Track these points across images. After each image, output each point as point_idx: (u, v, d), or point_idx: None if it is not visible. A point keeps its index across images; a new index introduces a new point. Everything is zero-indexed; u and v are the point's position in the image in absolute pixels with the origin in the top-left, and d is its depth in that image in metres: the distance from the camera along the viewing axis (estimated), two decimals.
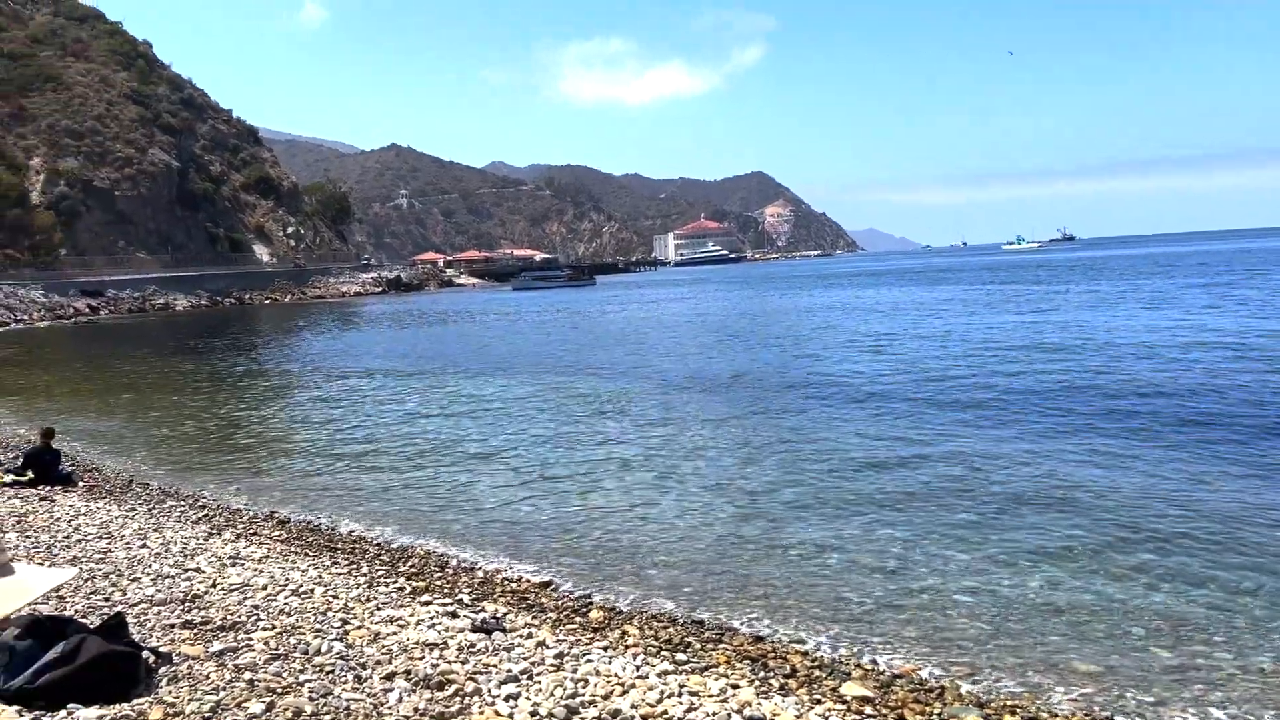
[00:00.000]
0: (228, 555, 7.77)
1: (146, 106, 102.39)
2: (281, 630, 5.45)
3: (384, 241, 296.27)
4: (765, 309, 50.38)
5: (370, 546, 8.97)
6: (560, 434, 15.80)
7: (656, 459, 13.37)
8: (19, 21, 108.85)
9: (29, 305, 63.86)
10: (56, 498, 10.79)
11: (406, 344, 37.87)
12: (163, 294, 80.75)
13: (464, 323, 51.43)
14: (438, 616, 6.20)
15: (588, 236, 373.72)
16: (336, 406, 20.58)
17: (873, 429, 14.82)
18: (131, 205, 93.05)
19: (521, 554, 8.81)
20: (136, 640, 4.60)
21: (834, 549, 8.85)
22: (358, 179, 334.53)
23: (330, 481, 12.78)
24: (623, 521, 10.26)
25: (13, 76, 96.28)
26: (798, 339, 31.32)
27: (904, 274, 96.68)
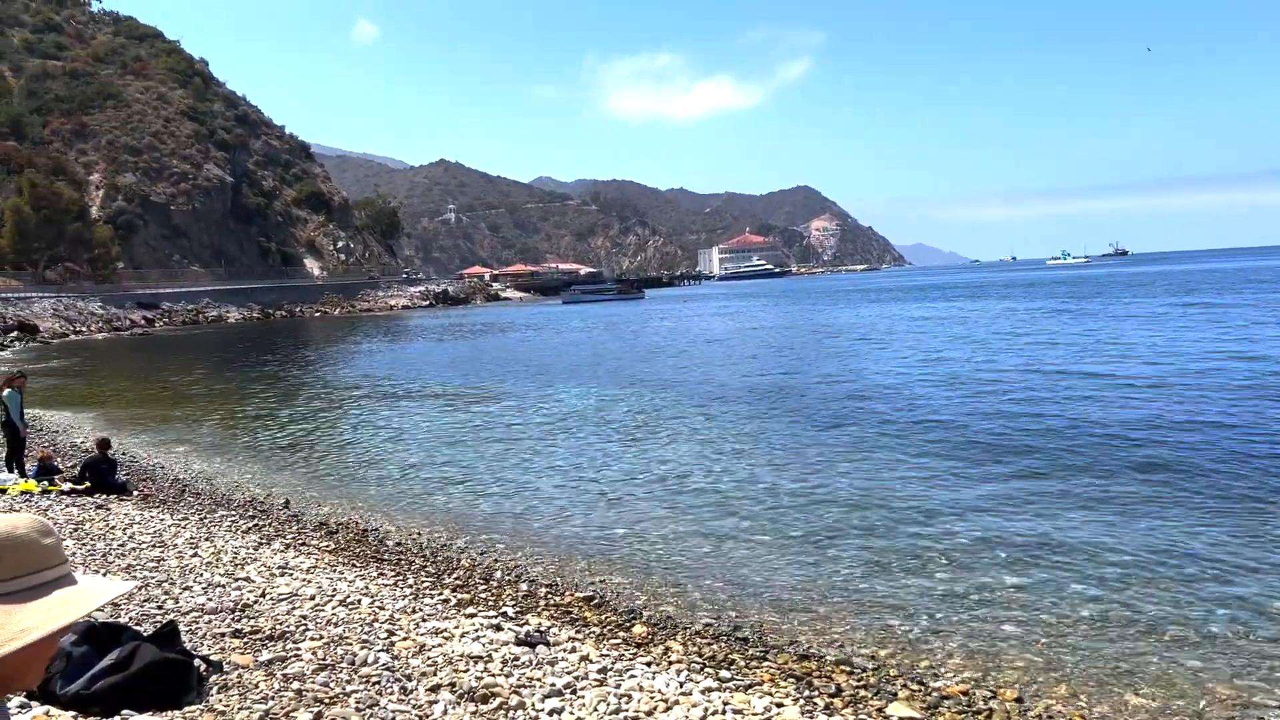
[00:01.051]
0: (277, 565, 7.88)
1: (202, 123, 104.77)
2: (329, 640, 5.51)
3: (432, 256, 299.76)
4: (811, 324, 50.09)
5: (416, 558, 9.03)
6: (608, 447, 15.82)
7: (703, 475, 13.34)
8: (82, 41, 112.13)
9: (88, 317, 65.45)
10: (112, 506, 11.01)
11: (458, 356, 38.20)
12: (216, 306, 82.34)
13: (517, 335, 51.74)
14: (482, 629, 6.22)
15: (632, 250, 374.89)
16: (385, 418, 20.80)
17: (920, 449, 14.64)
18: (186, 219, 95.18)
19: (565, 568, 8.83)
20: (188, 648, 4.68)
21: (881, 570, 8.76)
22: (407, 194, 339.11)
23: (377, 493, 12.91)
24: (667, 537, 10.24)
25: (75, 94, 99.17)
26: (842, 354, 31.08)
27: (945, 289, 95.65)
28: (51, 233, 76.82)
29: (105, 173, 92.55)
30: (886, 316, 52.20)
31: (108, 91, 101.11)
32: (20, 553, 1.44)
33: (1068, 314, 44.44)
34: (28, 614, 1.40)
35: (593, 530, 10.56)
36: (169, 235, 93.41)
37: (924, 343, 33.53)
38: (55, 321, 60.13)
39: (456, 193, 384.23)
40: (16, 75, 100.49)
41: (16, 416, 13.19)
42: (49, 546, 1.48)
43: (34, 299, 64.34)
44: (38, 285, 71.84)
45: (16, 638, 1.37)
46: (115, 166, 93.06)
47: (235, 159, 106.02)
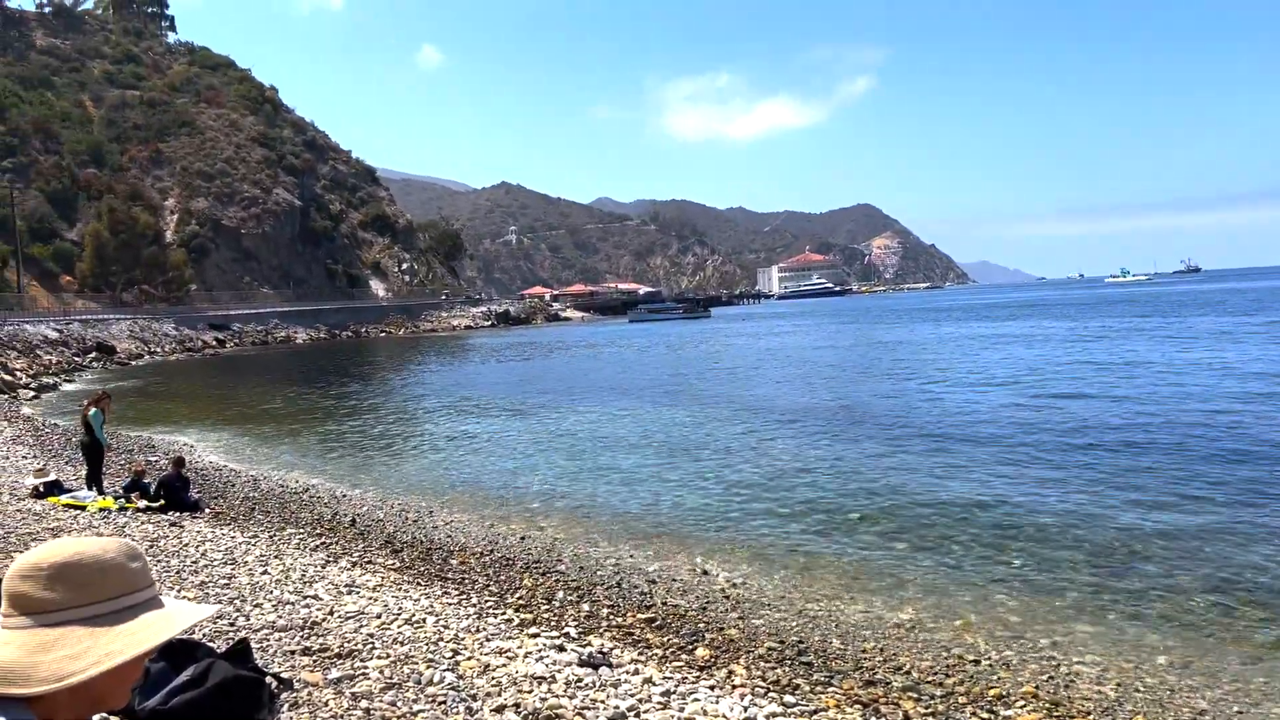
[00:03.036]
0: (344, 583, 7.98)
1: (272, 149, 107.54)
2: (396, 659, 5.57)
3: (493, 277, 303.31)
4: (876, 342, 49.53)
5: (479, 577, 9.09)
6: (672, 468, 15.80)
7: (767, 497, 13.25)
8: (159, 71, 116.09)
9: (162, 338, 67.32)
10: (185, 523, 11.28)
11: (522, 375, 38.50)
12: (284, 327, 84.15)
13: (583, 354, 51.97)
14: (545, 649, 6.23)
15: (691, 270, 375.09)
16: (449, 437, 21.03)
17: (985, 475, 14.37)
18: (256, 243, 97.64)
19: (626, 589, 8.81)
20: (260, 665, 4.76)
21: (950, 597, 8.61)
22: (469, 216, 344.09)
23: (441, 512, 13.04)
24: (728, 560, 10.18)
25: (152, 123, 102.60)
26: (907, 373, 30.66)
27: (1002, 307, 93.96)
28: (128, 257, 79.38)
29: (180, 198, 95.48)
30: (949, 336, 51.45)
31: (182, 119, 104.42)
32: (109, 577, 1.48)
33: (1139, 334, 43.39)
34: (116, 637, 1.44)
35: (654, 552, 10.54)
36: (239, 258, 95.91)
37: (983, 362, 32.96)
38: (131, 343, 61.95)
39: (518, 214, 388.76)
40: (97, 105, 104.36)
41: (100, 435, 13.60)
42: (137, 570, 1.52)
43: (111, 321, 66.40)
44: (115, 307, 74.19)
45: (104, 660, 1.40)
46: (189, 192, 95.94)
47: (304, 183, 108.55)
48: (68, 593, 1.44)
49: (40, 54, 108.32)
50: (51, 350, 50.79)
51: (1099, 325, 52.36)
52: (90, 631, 1.42)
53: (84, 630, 1.42)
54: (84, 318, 65.25)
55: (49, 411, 28.98)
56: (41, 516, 11.26)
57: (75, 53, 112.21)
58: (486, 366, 46.35)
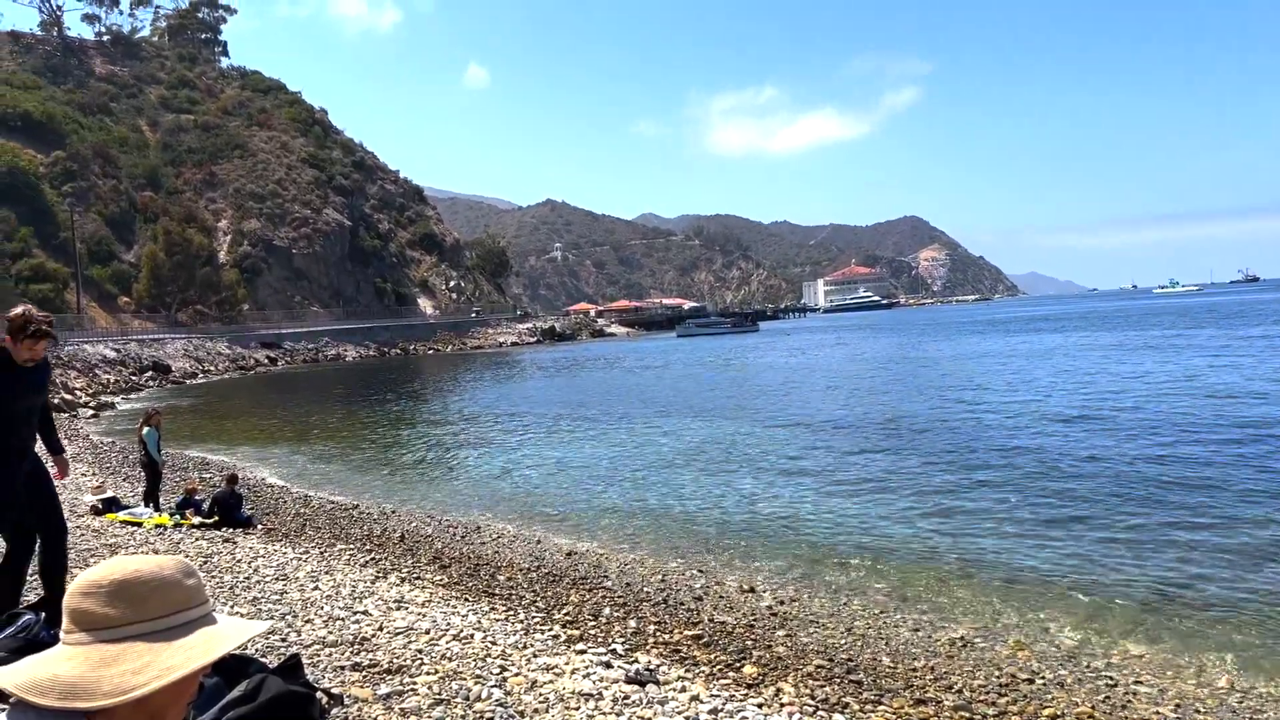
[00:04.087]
0: (393, 599, 8.05)
1: (321, 169, 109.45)
2: (444, 675, 5.60)
3: (539, 293, 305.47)
4: (924, 356, 49.02)
5: (526, 593, 9.12)
6: (722, 483, 15.77)
7: (816, 513, 13.17)
8: (212, 95, 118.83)
9: (215, 357, 68.67)
10: (238, 540, 11.46)
11: (569, 390, 38.66)
12: (334, 345, 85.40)
13: (633, 369, 52.07)
14: (592, 666, 6.23)
15: (736, 284, 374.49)
16: (498, 453, 21.16)
17: (1038, 486, 14.15)
18: (307, 262, 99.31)
19: (674, 605, 8.79)
20: (311, 681, 4.82)
21: (1000, 616, 8.48)
22: (515, 233, 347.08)
23: (488, 528, 13.12)
24: (775, 577, 10.12)
25: (205, 146, 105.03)
26: (955, 388, 30.29)
27: (1050, 319, 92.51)
28: (183, 277, 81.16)
29: (232, 219, 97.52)
30: (997, 349, 50.78)
31: (235, 142, 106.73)
32: (166, 593, 1.51)
33: (1188, 346, 42.49)
34: (172, 652, 1.47)
35: (700, 568, 10.51)
36: (291, 277, 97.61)
37: (1029, 375, 32.45)
38: (186, 361, 63.27)
39: (563, 231, 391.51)
40: (154, 129, 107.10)
41: (154, 452, 13.90)
42: (192, 587, 1.55)
43: (167, 340, 67.90)
44: (170, 327, 75.84)
45: (162, 675, 1.44)
46: (241, 213, 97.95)
47: (353, 203, 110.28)
48: (127, 609, 1.48)
49: (99, 81, 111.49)
50: (110, 369, 52.05)
51: (1141, 337, 51.36)
52: (150, 647, 1.46)
53: (144, 646, 1.46)
54: (141, 337, 66.82)
55: (107, 430, 29.69)
56: (100, 533, 11.51)
57: (133, 79, 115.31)
58: (533, 383, 46.60)
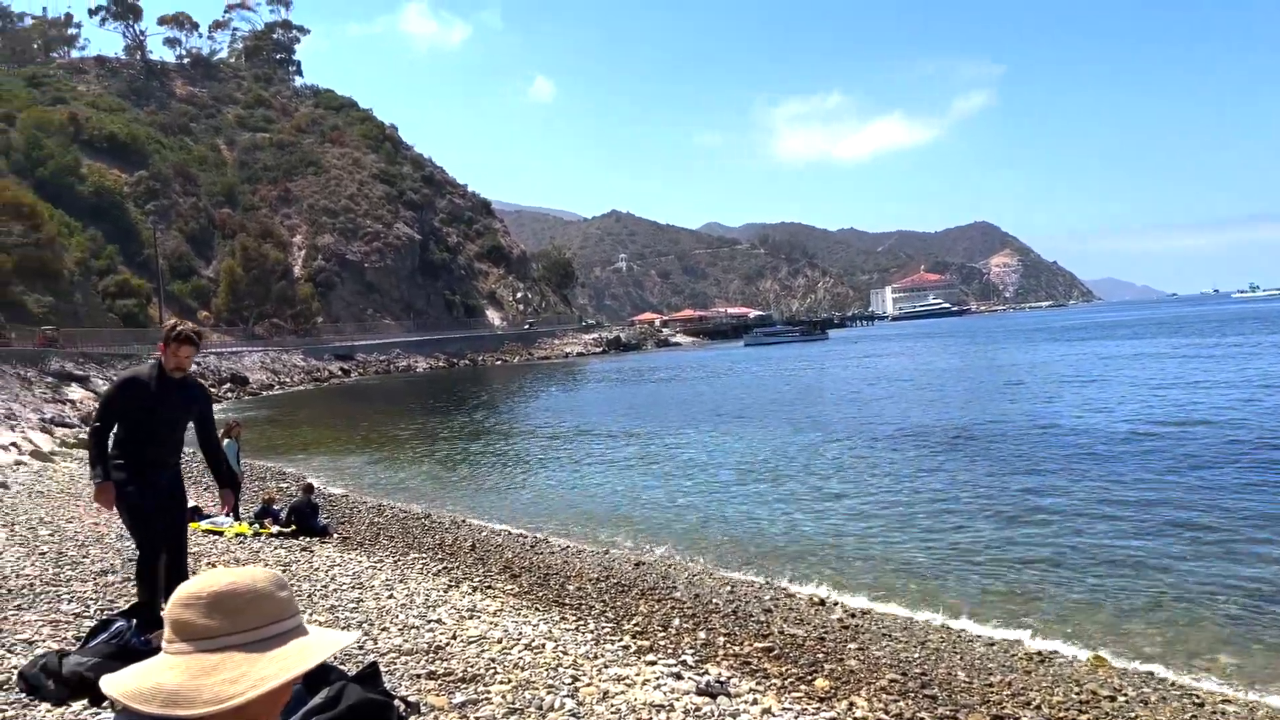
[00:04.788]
0: (466, 608, 8.15)
1: (392, 185, 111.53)
2: (517, 684, 5.65)
3: (604, 303, 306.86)
4: (997, 363, 48.07)
5: (595, 603, 9.16)
6: (793, 493, 15.67)
7: (892, 524, 13.01)
8: (286, 114, 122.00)
9: (291, 369, 70.31)
10: (315, 548, 11.71)
11: (639, 399, 38.72)
12: (405, 356, 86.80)
13: (702, 378, 51.99)
14: (663, 677, 6.23)
15: (802, 292, 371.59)
16: (566, 462, 21.31)
17: (1119, 498, 13.79)
18: (379, 275, 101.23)
19: (743, 616, 8.75)
20: (388, 689, 4.91)
21: (1081, 629, 8.28)
22: (580, 245, 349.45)
23: (557, 537, 13.22)
24: (849, 588, 10.02)
25: (280, 163, 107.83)
26: (1032, 396, 29.64)
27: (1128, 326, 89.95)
28: (260, 291, 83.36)
29: (307, 234, 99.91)
30: (1070, 356, 49.58)
31: (308, 159, 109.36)
32: (260, 605, 1.57)
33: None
34: (267, 663, 1.52)
35: (769, 580, 10.46)
36: (363, 291, 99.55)
37: (1108, 382, 31.62)
38: (263, 374, 64.90)
39: (627, 242, 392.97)
40: (231, 148, 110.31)
41: (234, 464, 14.29)
42: (284, 599, 1.60)
43: (244, 353, 69.75)
44: (247, 340, 77.88)
45: (257, 685, 1.49)
46: (315, 228, 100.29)
47: (422, 217, 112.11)
48: (225, 620, 1.53)
49: (180, 102, 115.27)
50: None
51: (1222, 342, 49.69)
52: (246, 657, 1.51)
53: (241, 656, 1.51)
54: (219, 350, 68.75)
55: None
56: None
57: (211, 100, 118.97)
58: (598, 393, 46.81)
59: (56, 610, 6.76)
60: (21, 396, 28.33)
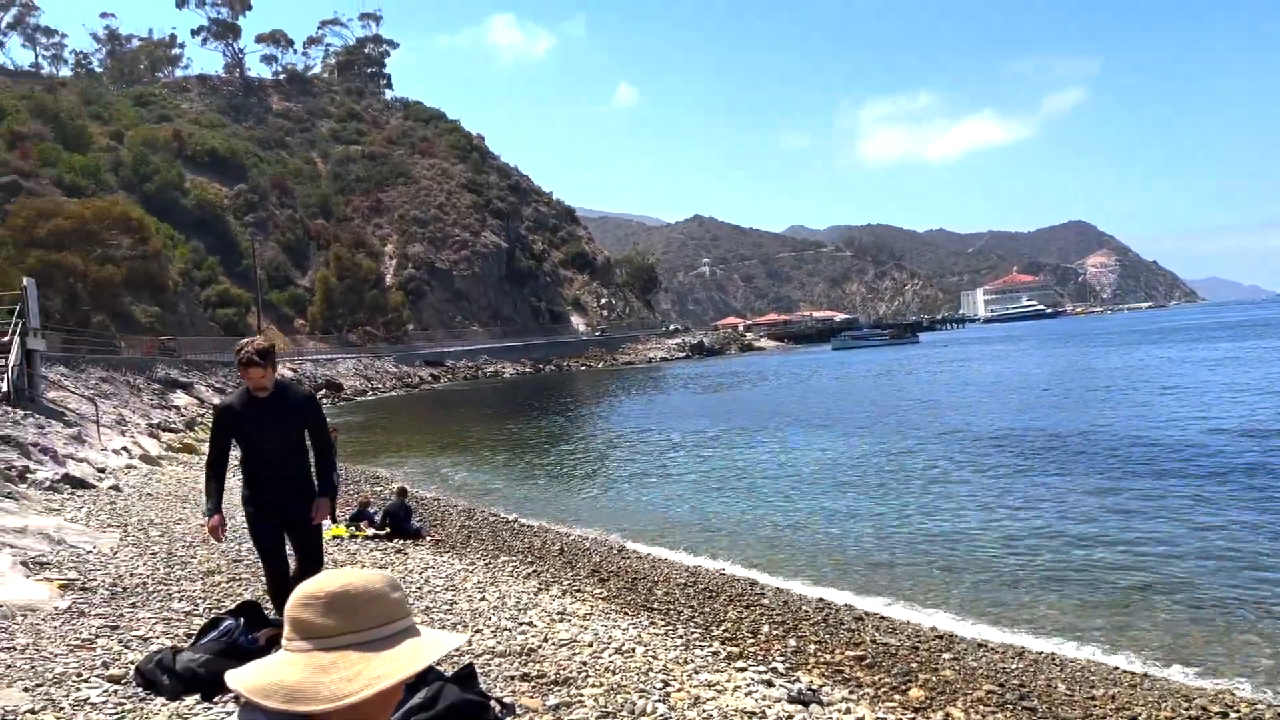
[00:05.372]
0: (556, 611, 8.24)
1: (479, 194, 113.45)
2: (609, 688, 5.69)
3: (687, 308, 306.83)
4: (1098, 368, 46.56)
5: (684, 608, 9.15)
6: (883, 500, 15.45)
7: (982, 533, 12.73)
8: (377, 126, 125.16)
9: (383, 375, 72.02)
10: (409, 550, 11.97)
11: (723, 405, 38.59)
12: (493, 362, 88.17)
13: (789, 383, 51.61)
14: (753, 684, 6.20)
15: (889, 295, 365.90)
16: (653, 466, 21.35)
17: (1226, 505, 13.23)
18: (467, 283, 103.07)
19: (834, 624, 8.65)
20: (484, 690, 5.00)
21: (1190, 641, 7.97)
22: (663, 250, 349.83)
23: (645, 542, 13.26)
24: (942, 597, 9.83)
25: (372, 174, 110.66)
26: (1133, 402, 28.63)
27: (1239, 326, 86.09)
28: (353, 300, 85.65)
29: (397, 244, 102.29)
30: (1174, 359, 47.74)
31: (399, 170, 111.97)
32: (375, 605, 1.61)
33: None
34: (381, 662, 1.56)
35: (860, 587, 10.32)
36: (452, 298, 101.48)
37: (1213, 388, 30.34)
38: (356, 380, 66.62)
39: (710, 246, 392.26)
40: (325, 161, 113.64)
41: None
42: (397, 600, 1.65)
43: (339, 360, 71.70)
44: (342, 347, 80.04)
45: (371, 684, 1.53)
46: (406, 238, 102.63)
47: (509, 225, 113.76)
48: (341, 620, 1.58)
49: (276, 117, 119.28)
50: None
51: None
52: (361, 656, 1.56)
53: (356, 655, 1.56)
54: (315, 357, 70.85)
55: None
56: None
57: (306, 114, 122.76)
58: (682, 397, 46.78)
59: (168, 608, 7.06)
60: (131, 402, 29.59)
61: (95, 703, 4.61)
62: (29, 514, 10.64)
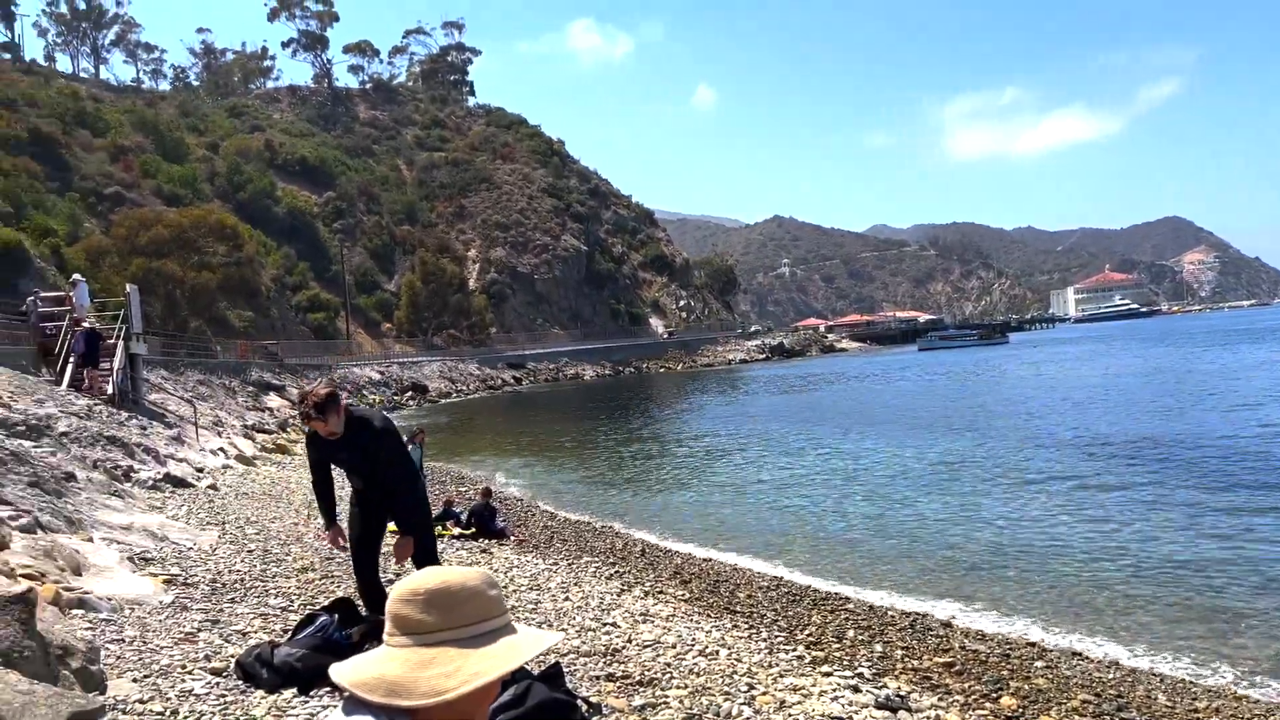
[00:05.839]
0: (639, 612, 8.26)
1: (559, 198, 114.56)
2: (694, 690, 5.69)
3: (766, 309, 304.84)
4: (1198, 369, 44.84)
5: (767, 611, 9.10)
6: (974, 504, 15.15)
7: (1074, 537, 12.38)
8: (461, 133, 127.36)
9: (467, 377, 73.19)
10: (493, 550, 12.14)
11: (803, 408, 38.24)
12: (573, 365, 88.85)
13: (875, 385, 50.87)
14: (840, 689, 6.13)
15: (975, 295, 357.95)
16: (734, 468, 21.27)
17: None
18: (547, 286, 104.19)
19: (921, 630, 8.50)
20: (570, 689, 5.04)
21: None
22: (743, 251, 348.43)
23: (726, 544, 13.21)
24: (1032, 602, 9.59)
25: (455, 180, 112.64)
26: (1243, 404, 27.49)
27: None
28: (438, 304, 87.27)
29: (480, 248, 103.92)
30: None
31: (481, 176, 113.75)
32: (473, 602, 1.64)
33: None
34: (479, 658, 1.59)
35: (945, 592, 10.12)
36: (533, 301, 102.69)
37: None
38: (441, 382, 67.83)
39: (790, 247, 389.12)
40: (410, 167, 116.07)
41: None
42: (494, 598, 1.67)
43: (424, 362, 73.06)
44: (427, 350, 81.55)
45: (470, 680, 1.56)
46: (488, 242, 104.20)
47: (588, 229, 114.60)
48: (440, 616, 1.61)
49: (363, 126, 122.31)
50: (375, 390, 56.62)
51: None
52: (460, 652, 1.59)
53: (455, 651, 1.59)
54: (401, 360, 72.36)
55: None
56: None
57: (392, 122, 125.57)
58: (762, 399, 46.47)
59: (265, 604, 7.28)
60: (226, 404, 30.65)
61: (199, 694, 4.78)
62: (134, 511, 11.08)
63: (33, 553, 6.69)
